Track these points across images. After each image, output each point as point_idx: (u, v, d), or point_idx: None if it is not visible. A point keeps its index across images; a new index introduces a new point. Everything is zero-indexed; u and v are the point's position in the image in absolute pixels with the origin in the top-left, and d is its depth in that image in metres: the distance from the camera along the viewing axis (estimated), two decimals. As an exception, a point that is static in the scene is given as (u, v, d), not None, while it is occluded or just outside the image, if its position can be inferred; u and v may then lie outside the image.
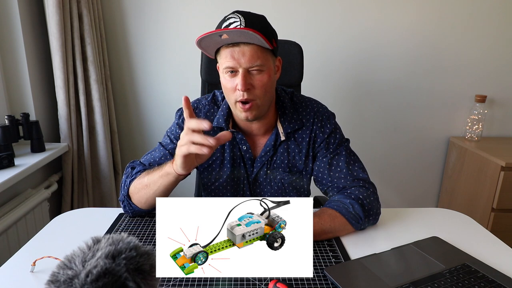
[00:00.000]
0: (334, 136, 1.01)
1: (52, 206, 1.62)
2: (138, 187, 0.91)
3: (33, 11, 1.52)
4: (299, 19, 1.79)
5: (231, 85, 0.89)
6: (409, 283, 0.68)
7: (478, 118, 1.87)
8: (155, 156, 1.00)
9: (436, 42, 1.84)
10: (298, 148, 1.01)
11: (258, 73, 0.88)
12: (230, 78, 0.89)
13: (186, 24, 1.78)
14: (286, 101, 1.02)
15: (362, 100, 1.93)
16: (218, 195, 1.06)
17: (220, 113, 1.00)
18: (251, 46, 0.86)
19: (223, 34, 0.83)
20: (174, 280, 0.71)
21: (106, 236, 0.46)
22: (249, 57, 0.86)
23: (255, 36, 0.82)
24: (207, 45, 0.88)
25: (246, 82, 0.87)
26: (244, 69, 0.87)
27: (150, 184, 0.89)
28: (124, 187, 0.94)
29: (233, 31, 0.83)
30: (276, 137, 1.00)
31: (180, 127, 1.01)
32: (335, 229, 0.86)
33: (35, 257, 0.72)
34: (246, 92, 0.87)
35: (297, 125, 1.00)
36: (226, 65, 0.88)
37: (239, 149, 1.01)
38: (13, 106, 1.52)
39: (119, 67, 1.85)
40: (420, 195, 2.11)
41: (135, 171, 0.95)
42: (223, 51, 0.88)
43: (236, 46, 0.86)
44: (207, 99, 1.05)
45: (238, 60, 0.86)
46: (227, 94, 0.93)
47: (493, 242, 0.87)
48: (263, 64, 0.88)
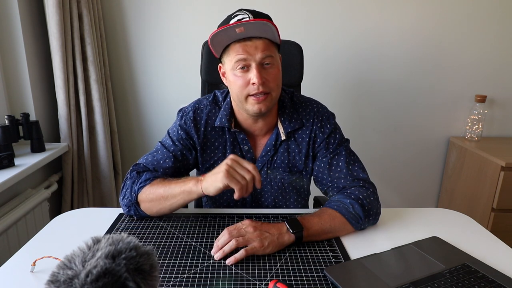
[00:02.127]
0: (334, 136, 1.01)
1: (52, 206, 1.62)
2: (151, 197, 0.90)
3: (33, 11, 1.52)
4: (299, 19, 1.79)
5: (243, 81, 0.89)
6: (409, 283, 0.68)
7: (478, 118, 1.87)
8: (158, 159, 0.98)
9: (436, 42, 1.84)
10: (298, 148, 1.01)
11: (270, 66, 0.90)
12: (241, 73, 0.89)
13: (186, 24, 1.78)
14: (286, 101, 1.02)
15: (362, 100, 1.93)
16: (217, 197, 1.06)
17: (223, 112, 1.00)
18: (262, 40, 0.87)
19: (240, 27, 0.84)
20: (174, 280, 0.71)
21: (106, 236, 0.46)
22: (262, 50, 0.87)
23: (269, 27, 0.85)
24: (219, 41, 0.89)
25: (262, 75, 0.88)
26: (257, 63, 0.88)
27: (168, 196, 0.88)
28: (132, 193, 0.92)
29: (249, 24, 0.84)
30: (276, 137, 1.00)
31: (182, 128, 1.01)
32: (335, 229, 0.86)
33: (35, 257, 0.72)
34: (261, 85, 0.88)
35: (297, 125, 1.00)
36: (238, 60, 0.88)
37: (240, 149, 1.01)
38: (13, 106, 1.52)
39: (119, 67, 1.85)
40: (420, 195, 2.11)
41: (143, 178, 0.92)
42: (233, 46, 0.88)
43: (248, 41, 0.87)
44: (208, 99, 1.04)
45: (251, 53, 0.87)
46: (238, 90, 0.91)
47: (493, 242, 0.87)
48: (274, 58, 0.90)
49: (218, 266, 0.75)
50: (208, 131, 1.01)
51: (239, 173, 0.79)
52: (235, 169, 0.79)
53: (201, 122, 1.01)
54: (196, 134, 1.00)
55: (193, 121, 1.00)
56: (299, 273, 0.73)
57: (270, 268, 0.74)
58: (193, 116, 1.01)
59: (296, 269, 0.74)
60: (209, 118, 1.01)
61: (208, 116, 1.01)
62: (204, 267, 0.75)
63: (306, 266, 0.75)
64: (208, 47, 1.29)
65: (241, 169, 0.79)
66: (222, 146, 1.02)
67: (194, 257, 0.78)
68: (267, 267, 0.75)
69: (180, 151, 1.00)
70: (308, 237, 0.83)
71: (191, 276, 0.72)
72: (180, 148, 1.00)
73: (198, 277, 0.72)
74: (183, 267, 0.74)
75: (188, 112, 1.02)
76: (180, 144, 1.00)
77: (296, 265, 0.76)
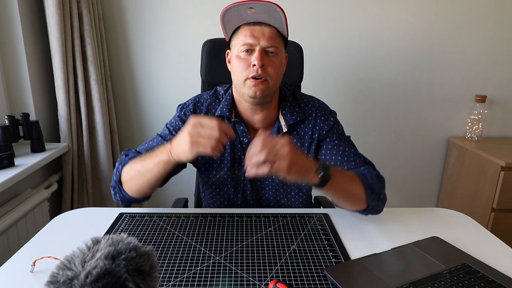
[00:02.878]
0: (337, 127, 1.03)
1: (52, 206, 1.62)
2: (131, 174, 0.90)
3: (33, 11, 1.52)
4: (299, 19, 1.79)
5: (245, 62, 0.91)
6: (409, 283, 0.68)
7: (478, 118, 1.87)
8: (152, 146, 0.99)
9: (436, 42, 1.84)
10: (301, 142, 1.02)
11: (273, 55, 0.92)
12: (245, 55, 0.92)
13: (186, 24, 1.78)
14: (288, 95, 1.03)
15: (362, 100, 1.93)
16: (220, 191, 1.06)
17: (224, 103, 1.01)
18: (271, 28, 0.91)
19: (251, 9, 0.86)
20: (174, 280, 0.71)
21: (106, 237, 0.46)
22: (268, 37, 0.90)
23: (279, 15, 0.88)
24: (230, 20, 0.92)
25: (263, 58, 0.90)
26: (261, 47, 0.90)
27: (145, 172, 0.87)
28: (116, 173, 0.93)
29: (260, 4, 0.86)
30: (278, 130, 1.01)
31: (182, 119, 1.02)
32: (349, 190, 0.87)
33: (35, 257, 0.73)
34: (260, 68, 0.89)
35: (299, 117, 1.01)
36: (244, 42, 0.91)
37: (240, 141, 1.02)
38: (13, 106, 1.52)
39: (119, 67, 1.85)
40: (420, 195, 2.11)
41: (128, 158, 0.94)
42: (242, 28, 0.92)
43: (257, 25, 0.91)
44: (209, 93, 1.06)
45: (258, 37, 0.90)
46: (239, 73, 0.92)
47: (493, 242, 0.87)
48: (278, 48, 0.92)
49: (218, 266, 0.75)
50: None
51: (204, 136, 0.75)
52: (199, 133, 0.75)
53: (201, 114, 1.01)
54: None
55: (192, 112, 1.02)
56: (299, 273, 0.73)
57: (270, 268, 0.74)
58: (193, 108, 1.03)
59: (296, 269, 0.74)
60: (209, 110, 1.02)
61: (208, 108, 1.03)
62: (204, 267, 0.75)
63: (306, 266, 0.75)
64: (207, 47, 1.29)
65: (205, 129, 0.75)
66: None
67: (194, 257, 0.78)
68: (267, 267, 0.75)
69: None
70: (328, 189, 0.81)
71: (191, 276, 0.72)
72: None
73: (198, 277, 0.72)
74: (183, 267, 0.74)
75: (188, 105, 1.04)
76: (177, 134, 1.00)
77: (296, 265, 0.76)
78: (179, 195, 1.28)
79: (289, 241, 0.85)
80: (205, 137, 0.75)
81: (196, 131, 0.76)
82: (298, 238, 0.86)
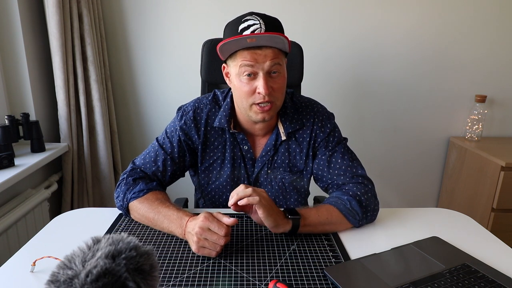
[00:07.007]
0: (333, 135, 1.02)
1: (52, 206, 1.62)
2: (141, 213, 0.90)
3: (33, 11, 1.52)
4: (299, 19, 1.79)
5: (248, 88, 0.89)
6: (409, 283, 0.68)
7: (478, 118, 1.87)
8: (156, 162, 0.98)
9: (436, 42, 1.84)
10: (299, 148, 1.02)
11: (277, 75, 0.89)
12: (248, 81, 0.88)
13: (186, 24, 1.78)
14: (286, 101, 1.02)
15: (362, 100, 1.93)
16: (217, 196, 1.06)
17: (222, 113, 1.00)
18: (272, 49, 0.86)
19: (252, 38, 0.83)
20: (174, 280, 0.71)
21: (106, 236, 0.46)
22: (271, 59, 0.86)
23: (282, 40, 0.84)
24: (228, 48, 0.87)
25: (268, 85, 0.87)
26: (265, 72, 0.87)
27: (156, 224, 0.87)
28: (124, 200, 0.93)
29: (262, 36, 0.83)
30: (276, 137, 1.00)
31: (182, 129, 1.00)
32: (331, 222, 0.88)
33: (35, 257, 0.73)
34: (267, 95, 0.87)
35: (298, 125, 1.00)
36: (245, 66, 0.86)
37: (240, 149, 1.01)
38: (13, 106, 1.52)
39: (119, 67, 1.85)
40: (420, 195, 2.11)
41: (138, 189, 0.92)
42: (241, 52, 0.86)
43: (258, 49, 0.85)
44: (208, 98, 1.04)
45: (260, 62, 0.86)
46: (243, 97, 0.91)
47: (493, 242, 0.87)
48: (281, 66, 0.89)
49: (218, 266, 0.75)
50: (208, 130, 1.01)
51: (210, 243, 0.76)
52: (206, 239, 0.76)
53: (201, 122, 1.01)
54: (196, 134, 1.00)
55: (193, 121, 1.00)
56: (299, 273, 0.73)
57: (270, 268, 0.74)
58: (193, 115, 1.01)
59: (296, 269, 0.74)
60: (209, 117, 1.01)
61: (208, 115, 1.01)
62: (204, 267, 0.75)
63: (306, 266, 0.75)
64: (207, 47, 1.29)
65: (213, 236, 0.76)
66: (221, 146, 1.02)
67: (194, 257, 0.78)
68: (267, 267, 0.75)
69: (177, 154, 1.00)
70: (305, 226, 0.85)
71: (191, 276, 0.72)
72: (178, 150, 1.00)
73: (198, 277, 0.72)
74: (183, 267, 0.74)
75: (188, 112, 1.01)
76: (178, 146, 1.00)
77: (296, 265, 0.76)
78: (179, 195, 1.28)
79: (289, 241, 0.85)
80: (211, 244, 0.76)
81: (204, 236, 0.76)
82: (298, 238, 0.86)
